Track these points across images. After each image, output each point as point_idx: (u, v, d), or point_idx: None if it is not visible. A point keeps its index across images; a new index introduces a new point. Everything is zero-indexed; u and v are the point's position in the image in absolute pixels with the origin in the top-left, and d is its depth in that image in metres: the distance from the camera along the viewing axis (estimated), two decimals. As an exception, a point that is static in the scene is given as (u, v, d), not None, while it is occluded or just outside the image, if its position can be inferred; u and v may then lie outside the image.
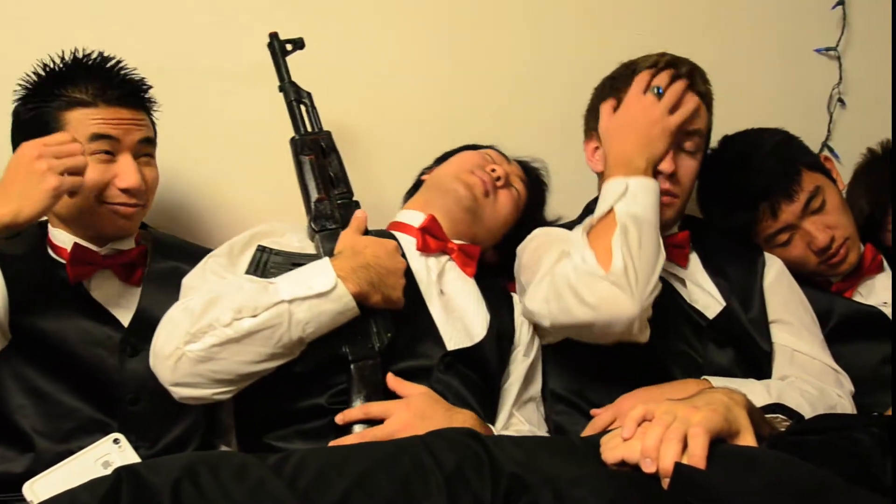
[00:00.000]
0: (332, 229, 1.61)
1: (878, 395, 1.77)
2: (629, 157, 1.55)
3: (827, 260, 1.84)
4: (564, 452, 1.17)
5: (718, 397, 1.18)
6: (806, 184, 1.82)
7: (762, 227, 1.84)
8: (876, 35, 2.27)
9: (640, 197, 1.51)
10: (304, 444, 1.47)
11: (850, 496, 0.99)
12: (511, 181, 1.79)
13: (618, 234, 1.46)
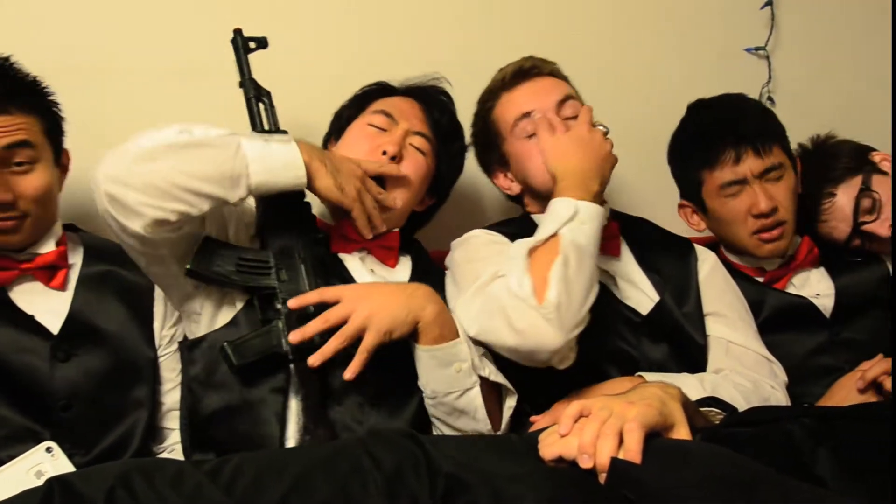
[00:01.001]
0: (278, 228, 1.60)
1: (808, 385, 1.82)
2: (585, 178, 1.57)
3: (760, 230, 1.87)
4: (503, 450, 1.18)
5: (653, 392, 1.20)
6: (776, 153, 1.87)
7: (717, 173, 1.86)
8: (803, 34, 2.33)
9: (587, 225, 1.53)
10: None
11: (782, 486, 1.01)
12: (409, 149, 1.72)
13: (558, 264, 1.48)
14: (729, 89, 2.27)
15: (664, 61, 2.24)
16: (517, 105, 1.76)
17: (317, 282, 1.56)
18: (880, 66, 2.23)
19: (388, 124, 1.71)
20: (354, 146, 1.70)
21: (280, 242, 1.59)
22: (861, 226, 1.91)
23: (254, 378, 1.52)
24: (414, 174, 1.71)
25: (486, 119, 1.83)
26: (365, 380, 1.49)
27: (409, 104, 1.77)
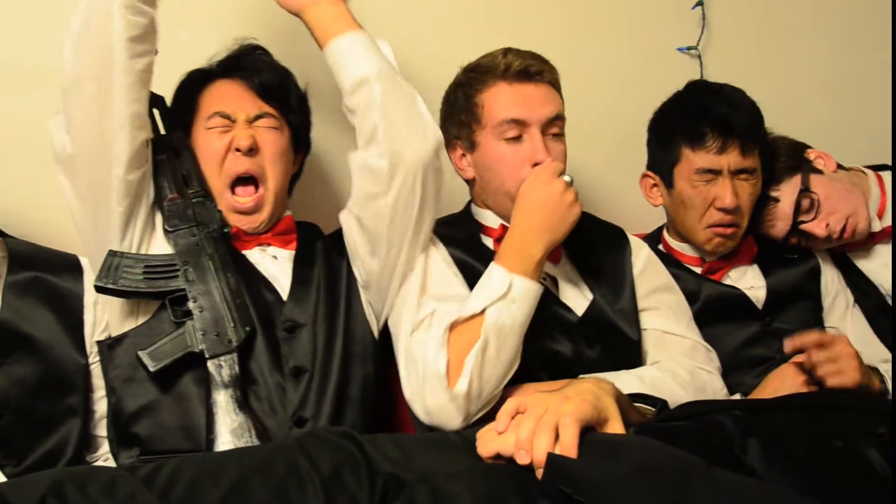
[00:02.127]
0: (184, 228, 1.64)
1: (741, 375, 1.86)
2: (528, 243, 1.57)
3: (717, 224, 1.88)
4: (441, 449, 1.18)
5: (587, 387, 1.21)
6: (755, 157, 1.89)
7: (698, 156, 1.86)
8: (734, 34, 2.36)
9: (517, 304, 1.53)
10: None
11: (713, 476, 1.03)
12: (260, 132, 1.71)
13: (476, 350, 1.49)
14: (662, 89, 2.30)
15: (597, 62, 2.26)
16: (511, 105, 1.68)
17: (226, 278, 1.60)
18: (808, 64, 2.29)
19: (228, 123, 1.70)
20: (206, 151, 1.70)
21: (185, 242, 1.62)
22: (799, 225, 1.95)
23: (176, 373, 1.56)
24: (272, 154, 1.71)
25: (470, 96, 1.73)
26: (281, 362, 1.57)
27: (234, 88, 1.73)
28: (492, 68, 1.71)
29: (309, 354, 1.62)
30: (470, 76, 1.75)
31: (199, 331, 1.56)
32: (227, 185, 1.69)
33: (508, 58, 1.70)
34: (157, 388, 1.56)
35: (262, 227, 1.73)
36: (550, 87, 1.73)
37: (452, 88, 1.79)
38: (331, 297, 1.70)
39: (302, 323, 1.64)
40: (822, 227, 1.93)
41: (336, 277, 1.72)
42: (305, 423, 1.57)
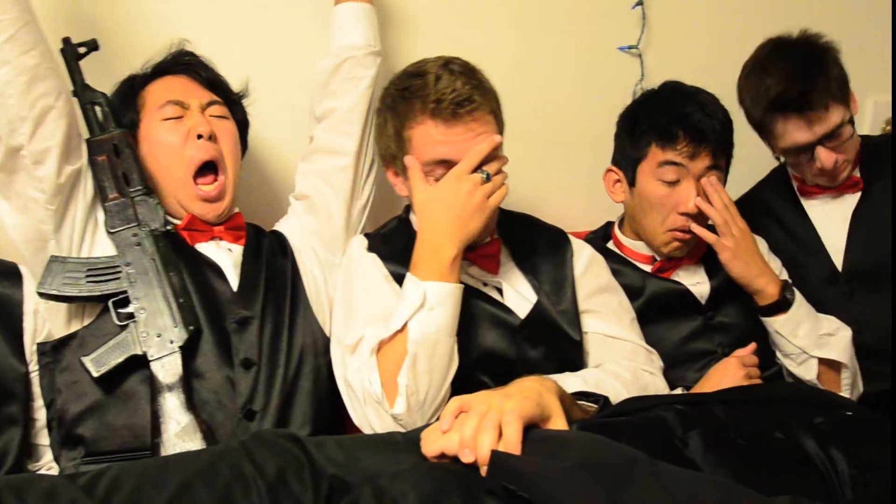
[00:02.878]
0: (125, 229, 1.63)
1: (684, 369, 1.88)
2: (438, 246, 1.54)
3: (678, 229, 1.89)
4: (385, 449, 1.18)
5: (530, 385, 1.22)
6: (721, 165, 1.90)
7: (665, 154, 1.86)
8: (673, 33, 2.39)
9: (437, 310, 1.50)
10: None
11: (655, 469, 1.05)
12: (214, 121, 1.74)
13: (406, 367, 1.48)
14: (604, 87, 2.34)
15: (539, 61, 2.27)
16: (439, 146, 1.60)
17: (169, 277, 1.60)
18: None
19: (182, 110, 1.71)
20: (162, 143, 1.70)
21: (127, 242, 1.62)
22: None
23: (121, 375, 1.55)
24: (230, 144, 1.74)
25: (399, 130, 1.64)
26: (231, 355, 1.59)
27: (181, 80, 1.76)
28: (422, 98, 1.59)
29: (256, 347, 1.63)
30: (398, 104, 1.64)
31: (141, 333, 1.56)
32: (191, 174, 1.69)
33: (441, 85, 1.58)
34: (101, 390, 1.55)
35: (225, 215, 1.74)
36: (485, 116, 1.62)
37: (382, 110, 1.70)
38: (277, 292, 1.70)
39: (251, 316, 1.65)
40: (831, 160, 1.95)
41: (282, 275, 1.73)
42: (254, 416, 1.58)
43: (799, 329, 1.87)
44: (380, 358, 1.51)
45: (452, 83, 1.58)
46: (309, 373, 1.67)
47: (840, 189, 2.06)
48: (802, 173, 2.06)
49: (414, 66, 1.67)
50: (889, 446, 1.29)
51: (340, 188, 1.84)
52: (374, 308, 1.60)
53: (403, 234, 1.75)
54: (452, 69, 1.61)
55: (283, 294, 1.71)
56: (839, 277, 2.04)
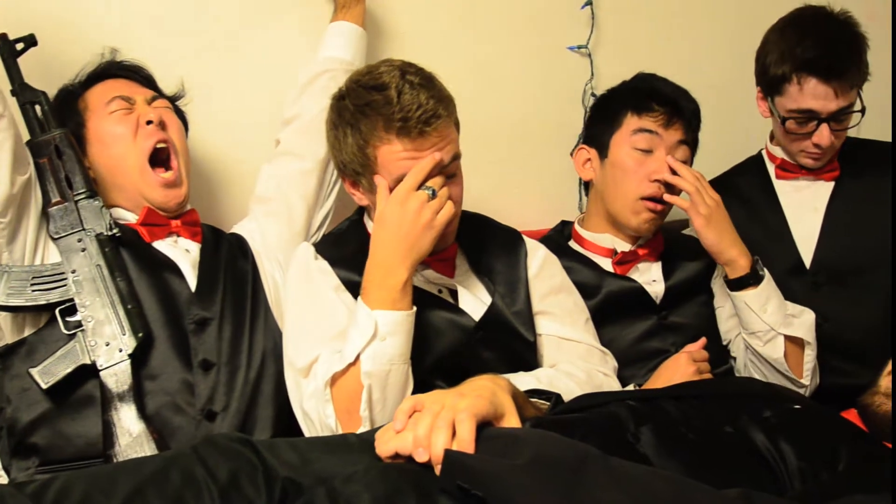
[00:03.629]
0: (69, 234, 1.61)
1: (637, 367, 1.90)
2: (389, 272, 1.50)
3: (650, 198, 1.91)
4: (339, 451, 1.18)
5: (483, 383, 1.22)
6: (692, 142, 1.94)
7: (641, 121, 1.90)
8: (622, 33, 2.42)
9: (389, 340, 1.48)
10: None
11: (607, 464, 1.05)
12: (161, 109, 1.75)
13: (364, 400, 1.46)
14: (555, 87, 2.36)
15: (489, 61, 2.28)
16: (407, 162, 1.55)
17: (116, 283, 1.58)
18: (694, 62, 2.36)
19: (128, 105, 1.71)
20: (113, 134, 1.69)
21: (72, 248, 1.59)
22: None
23: (71, 385, 1.53)
24: (179, 131, 1.75)
25: (362, 147, 1.58)
26: (190, 356, 1.59)
27: (122, 81, 1.76)
28: (386, 116, 1.54)
29: (215, 348, 1.61)
30: (360, 120, 1.57)
31: (90, 341, 1.53)
32: (146, 160, 1.68)
33: (405, 101, 1.53)
34: (52, 399, 1.53)
35: (185, 204, 1.73)
36: (449, 127, 1.59)
37: (339, 124, 1.62)
38: (237, 293, 1.69)
39: (210, 317, 1.63)
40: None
41: (242, 277, 1.72)
42: (215, 417, 1.58)
43: (768, 304, 1.89)
44: (334, 391, 1.49)
45: (416, 98, 1.53)
46: (271, 376, 1.66)
47: (816, 172, 2.09)
48: (790, 147, 2.07)
49: (369, 76, 1.59)
50: (833, 438, 1.32)
51: (304, 192, 1.84)
52: (324, 328, 1.58)
53: (356, 236, 1.73)
54: (412, 81, 1.55)
55: (243, 296, 1.70)
56: (806, 268, 2.07)
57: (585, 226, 2.06)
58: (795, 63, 1.96)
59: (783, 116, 2.01)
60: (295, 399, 1.59)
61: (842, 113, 1.96)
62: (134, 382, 1.53)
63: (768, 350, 1.90)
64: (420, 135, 1.54)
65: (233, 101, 2.02)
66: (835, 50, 1.94)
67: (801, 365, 1.92)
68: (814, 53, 1.94)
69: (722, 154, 2.05)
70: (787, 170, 2.11)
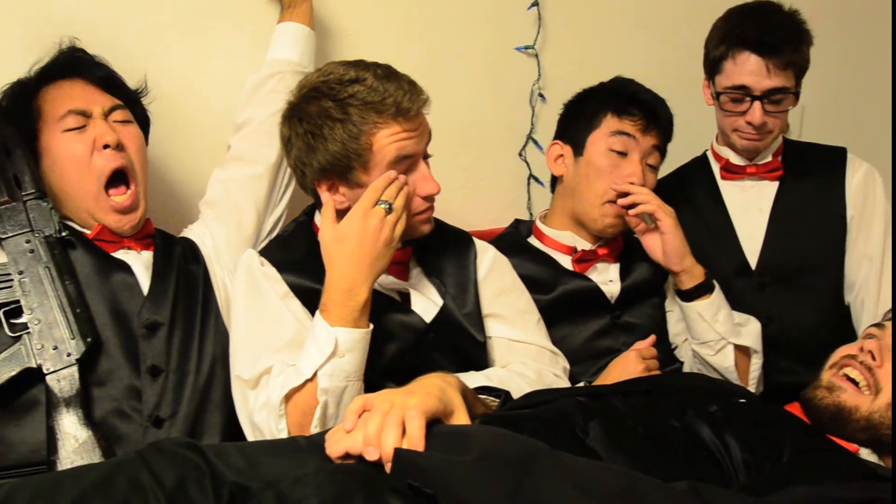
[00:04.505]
0: (17, 235, 1.57)
1: (589, 365, 1.91)
2: (351, 287, 1.50)
3: (612, 200, 1.92)
4: (287, 454, 1.17)
5: (432, 381, 1.23)
6: (662, 150, 1.97)
7: (620, 123, 1.92)
8: (568, 33, 2.43)
9: (347, 357, 1.48)
10: None
11: (556, 459, 1.06)
12: (119, 127, 1.67)
13: (318, 416, 1.46)
14: (503, 87, 2.37)
15: (436, 62, 2.28)
16: (406, 144, 1.58)
17: (65, 286, 1.55)
18: (639, 63, 2.38)
19: (84, 119, 1.64)
20: (69, 156, 1.63)
21: (19, 249, 1.56)
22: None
23: (15, 389, 1.49)
24: (137, 150, 1.69)
25: (358, 138, 1.56)
26: (139, 362, 1.56)
27: (77, 85, 1.68)
28: (377, 103, 1.55)
29: (165, 354, 1.59)
30: (350, 112, 1.56)
31: (35, 345, 1.50)
32: (103, 185, 1.63)
33: (390, 87, 1.56)
34: None
35: (140, 224, 1.69)
36: (424, 109, 1.64)
37: (325, 124, 1.57)
38: (189, 299, 1.67)
39: (161, 322, 1.61)
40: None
41: (194, 281, 1.70)
42: (162, 424, 1.55)
43: (719, 314, 1.92)
44: (289, 407, 1.48)
45: (396, 82, 1.58)
46: (220, 382, 1.64)
47: (760, 170, 2.12)
48: (726, 127, 2.09)
49: (333, 75, 1.59)
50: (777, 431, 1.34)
51: (255, 197, 1.83)
52: (272, 339, 1.56)
53: (304, 239, 1.72)
54: (379, 72, 1.59)
55: (194, 300, 1.68)
56: (751, 269, 2.10)
57: (548, 222, 2.07)
58: (733, 38, 2.01)
59: (719, 92, 2.04)
60: (242, 410, 1.57)
61: (775, 93, 1.99)
62: (81, 388, 1.50)
63: (719, 359, 1.93)
64: (412, 117, 1.58)
65: (188, 101, 2.00)
66: (772, 29, 1.99)
67: (748, 373, 1.95)
68: (751, 31, 1.99)
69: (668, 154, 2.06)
70: (732, 170, 2.14)
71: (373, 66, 1.61)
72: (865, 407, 1.45)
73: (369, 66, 1.60)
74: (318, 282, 1.61)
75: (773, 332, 2.03)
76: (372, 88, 1.56)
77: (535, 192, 2.40)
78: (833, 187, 2.11)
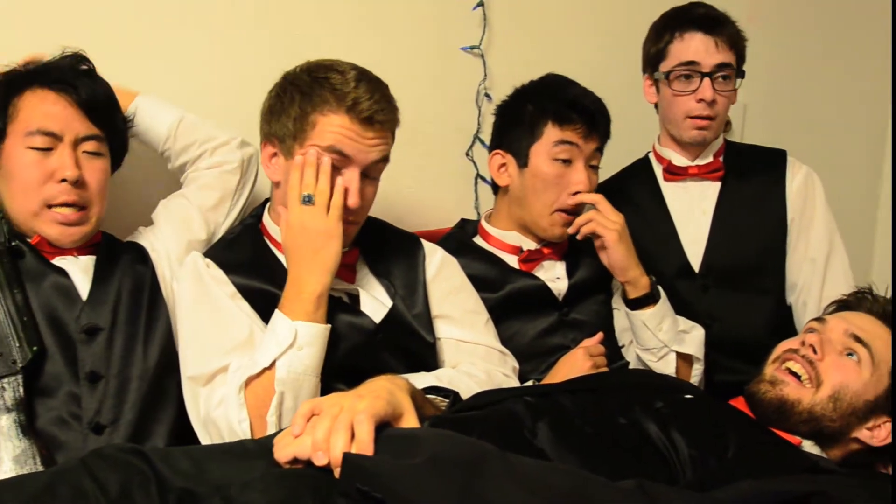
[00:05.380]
0: None
1: (537, 362, 1.92)
2: (305, 285, 1.52)
3: (566, 210, 1.94)
4: (235, 458, 1.16)
5: (381, 384, 1.22)
6: (602, 148, 1.98)
7: (563, 133, 1.92)
8: (514, 33, 2.44)
9: (306, 351, 1.49)
10: None
11: (503, 460, 1.06)
12: (84, 160, 1.61)
13: (274, 405, 1.46)
14: (449, 87, 2.37)
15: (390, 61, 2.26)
16: (344, 141, 1.59)
17: (12, 294, 1.52)
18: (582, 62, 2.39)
19: (52, 142, 1.58)
20: (22, 176, 1.58)
21: None
22: None
23: None
24: (99, 185, 1.63)
25: (306, 111, 1.59)
26: (77, 368, 1.53)
27: (58, 103, 1.60)
28: (340, 94, 1.59)
29: (104, 359, 1.57)
30: (314, 89, 1.60)
31: None
32: (44, 206, 1.58)
33: (361, 90, 1.60)
34: None
35: (83, 240, 1.64)
36: (387, 133, 1.65)
37: (289, 91, 1.63)
38: (133, 303, 1.64)
39: (101, 327, 1.58)
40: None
41: (139, 284, 1.67)
42: (103, 430, 1.53)
43: (663, 323, 1.94)
44: (248, 395, 1.47)
45: (371, 90, 1.61)
46: (168, 387, 1.62)
47: (702, 171, 2.14)
48: (676, 116, 2.09)
49: (328, 62, 1.66)
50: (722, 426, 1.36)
51: (207, 203, 1.81)
52: (226, 338, 1.56)
53: (250, 240, 1.71)
54: (370, 77, 1.64)
55: (138, 304, 1.65)
56: (694, 271, 2.12)
57: (493, 223, 2.07)
58: (677, 23, 2.06)
59: (667, 72, 2.06)
60: (194, 410, 1.56)
61: (723, 68, 2.03)
62: (24, 396, 1.48)
63: (661, 366, 1.95)
64: (365, 122, 1.59)
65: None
66: (715, 14, 2.06)
67: (688, 379, 1.98)
68: (696, 12, 2.06)
69: (611, 156, 2.08)
70: (674, 172, 2.17)
71: (366, 73, 1.65)
72: (807, 400, 1.47)
73: (363, 72, 1.64)
74: (265, 282, 1.61)
75: (717, 333, 2.06)
76: (345, 81, 1.60)
77: (483, 191, 2.40)
78: (774, 190, 2.15)
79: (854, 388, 1.47)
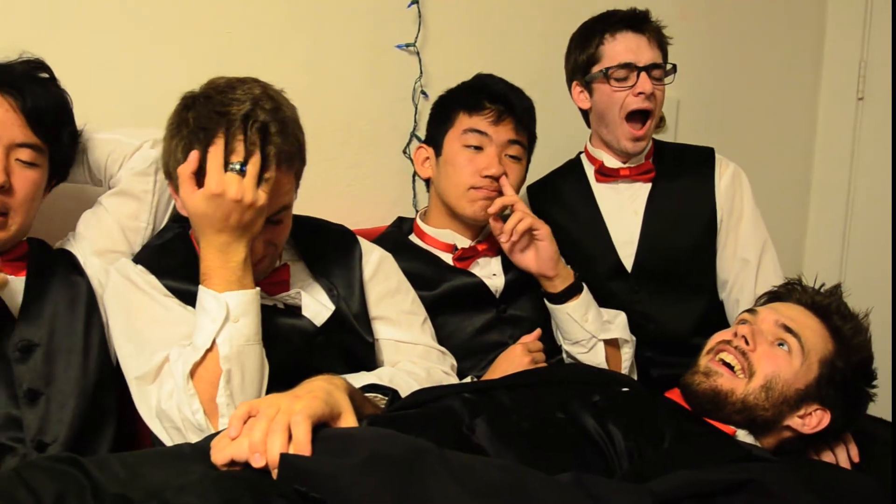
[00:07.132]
0: None
1: (476, 359, 1.93)
2: (225, 253, 1.46)
3: (480, 187, 1.94)
4: (171, 462, 1.14)
5: (318, 384, 1.22)
6: (524, 141, 1.99)
7: (472, 119, 1.95)
8: (448, 31, 2.44)
9: (242, 321, 1.45)
10: None
11: (441, 458, 1.07)
12: (16, 168, 1.56)
13: (222, 385, 1.42)
14: (385, 85, 2.37)
15: (324, 59, 2.26)
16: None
17: None
18: (517, 61, 2.41)
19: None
20: None
21: None
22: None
23: None
24: (26, 195, 1.58)
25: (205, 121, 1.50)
26: (14, 387, 1.48)
27: (3, 107, 1.56)
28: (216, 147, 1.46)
29: (43, 376, 1.51)
30: (192, 141, 1.48)
31: None
32: None
33: (237, 143, 1.45)
34: None
35: (5, 246, 1.59)
36: (279, 178, 1.51)
37: (178, 135, 1.51)
38: (69, 315, 1.59)
39: (36, 343, 1.53)
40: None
41: (74, 297, 1.61)
42: (46, 448, 1.47)
43: (588, 313, 1.96)
44: (196, 383, 1.43)
45: (253, 141, 1.46)
46: (109, 398, 1.58)
47: (633, 172, 2.15)
48: (616, 117, 2.09)
49: (221, 96, 1.49)
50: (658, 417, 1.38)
51: (131, 212, 1.75)
52: (165, 335, 1.51)
53: (182, 247, 1.67)
54: (263, 120, 1.47)
55: (75, 316, 1.59)
56: (627, 271, 2.14)
57: (427, 221, 2.08)
58: (606, 26, 2.08)
59: (605, 68, 2.06)
60: (144, 408, 1.51)
61: (656, 67, 2.06)
62: None
63: (591, 357, 1.97)
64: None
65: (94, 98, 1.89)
66: (641, 14, 2.09)
67: (620, 364, 2.00)
68: (622, 14, 2.08)
69: (545, 155, 2.10)
70: (606, 173, 2.18)
71: (267, 110, 1.49)
72: (741, 390, 1.50)
73: (258, 104, 1.49)
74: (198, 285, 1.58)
75: (653, 332, 2.10)
76: (223, 136, 1.46)
77: (420, 189, 2.41)
78: (703, 188, 2.17)
79: (785, 377, 1.51)
